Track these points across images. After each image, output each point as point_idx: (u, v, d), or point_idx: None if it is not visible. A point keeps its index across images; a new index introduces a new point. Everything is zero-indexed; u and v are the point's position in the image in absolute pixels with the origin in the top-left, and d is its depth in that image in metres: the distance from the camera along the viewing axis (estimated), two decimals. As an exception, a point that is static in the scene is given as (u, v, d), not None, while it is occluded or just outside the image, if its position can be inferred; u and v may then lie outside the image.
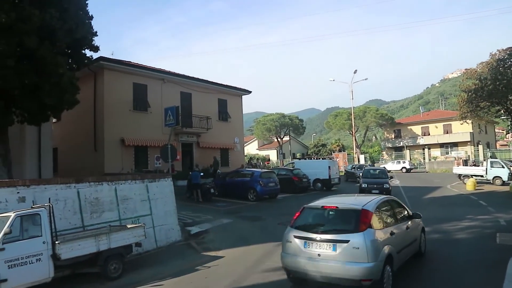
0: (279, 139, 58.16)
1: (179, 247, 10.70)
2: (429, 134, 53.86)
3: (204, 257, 9.55)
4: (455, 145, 50.59)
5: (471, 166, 31.12)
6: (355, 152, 51.24)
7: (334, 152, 51.91)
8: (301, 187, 22.41)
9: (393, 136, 57.85)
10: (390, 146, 56.66)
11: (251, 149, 63.93)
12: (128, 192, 10.27)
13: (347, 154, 50.74)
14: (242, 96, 29.67)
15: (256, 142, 66.60)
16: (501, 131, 79.87)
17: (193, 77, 25.21)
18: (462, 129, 47.28)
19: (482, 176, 25.37)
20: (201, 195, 18.20)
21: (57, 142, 20.32)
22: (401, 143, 54.81)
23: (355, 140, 52.56)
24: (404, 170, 42.61)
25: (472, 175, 25.44)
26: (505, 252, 8.48)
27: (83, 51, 12.77)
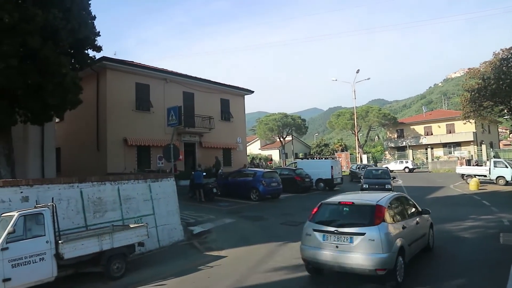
0: (281, 139, 58.13)
1: (182, 246, 10.71)
2: (432, 134, 53.75)
3: (206, 257, 9.55)
4: (458, 145, 50.47)
5: (474, 166, 31.01)
6: (358, 152, 51.12)
7: (336, 152, 51.83)
8: (303, 187, 22.37)
9: (395, 136, 57.76)
10: (392, 146, 56.58)
11: (254, 149, 63.92)
12: (131, 192, 10.29)
13: (350, 154, 50.63)
14: (245, 96, 29.64)
15: (259, 142, 66.61)
16: (504, 130, 79.45)
17: (195, 77, 25.22)
18: (465, 129, 47.17)
19: (485, 176, 25.28)
20: (203, 195, 18.20)
21: (60, 142, 20.39)
22: (404, 143, 54.71)
23: (358, 140, 52.51)
24: (407, 170, 42.47)
25: (475, 175, 25.36)
26: (508, 252, 8.46)
27: (86, 51, 12.80)
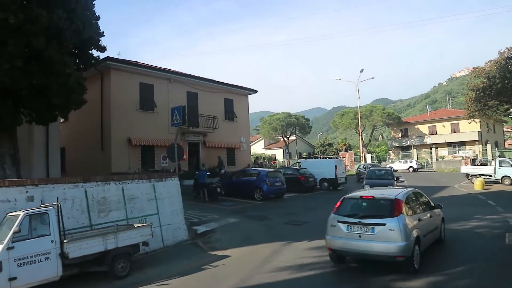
0: (285, 139, 58.11)
1: (186, 246, 10.72)
2: (436, 133, 53.50)
3: (210, 256, 9.56)
4: (462, 144, 50.20)
5: (478, 165, 30.85)
6: (362, 152, 51.03)
7: (340, 152, 51.73)
8: (307, 187, 22.36)
9: (400, 135, 57.54)
10: (397, 145, 56.36)
11: (258, 148, 63.97)
12: (135, 192, 10.31)
13: (354, 154, 50.51)
14: (248, 96, 29.65)
15: (262, 142, 66.64)
16: (509, 130, 79.04)
17: (199, 76, 25.26)
18: (470, 128, 46.88)
19: (490, 176, 25.16)
20: (207, 194, 18.23)
21: (64, 141, 20.49)
22: (408, 142, 54.49)
23: (362, 139, 52.33)
24: (411, 170, 42.30)
25: (480, 175, 25.23)
26: (514, 252, 8.40)
27: (90, 51, 12.80)
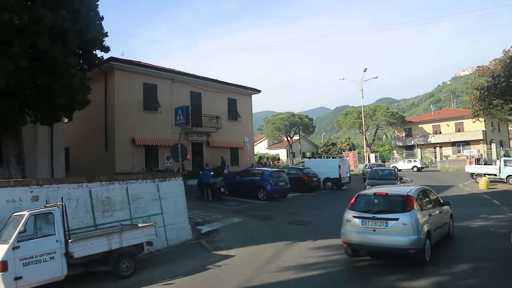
0: (289, 138, 58.06)
1: (190, 246, 10.73)
2: (440, 133, 53.28)
3: (214, 256, 9.56)
4: (467, 143, 49.99)
5: (483, 164, 30.67)
6: (366, 151, 50.90)
7: (344, 151, 51.65)
8: (311, 186, 22.31)
9: (403, 135, 57.35)
10: (401, 144, 56.18)
11: (261, 148, 63.94)
12: (139, 192, 10.33)
13: (357, 153, 50.41)
14: (252, 95, 29.65)
15: (266, 141, 66.60)
16: (514, 129, 78.48)
17: (202, 76, 25.28)
18: (474, 128, 46.64)
19: (495, 175, 25.01)
20: (211, 194, 18.23)
21: (69, 142, 20.55)
22: (412, 141, 54.31)
23: (365, 139, 52.20)
24: (415, 169, 42.12)
25: (485, 174, 25.09)
26: (520, 252, 8.34)
27: (94, 52, 12.86)
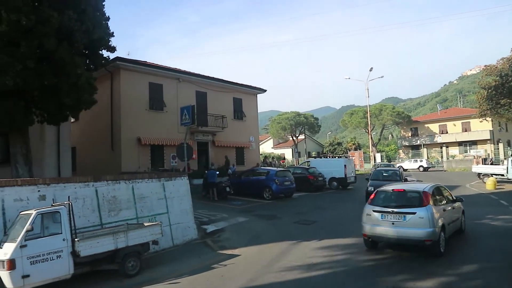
0: (294, 138, 57.98)
1: (195, 245, 10.75)
2: (447, 132, 52.92)
3: (220, 255, 9.59)
4: (474, 143, 49.61)
5: (490, 164, 30.41)
6: (371, 151, 50.69)
7: (349, 151, 51.48)
8: (316, 186, 22.26)
9: (409, 135, 57.05)
10: (406, 144, 55.90)
11: (266, 147, 63.92)
12: (145, 191, 10.38)
13: (363, 153, 50.22)
14: (257, 95, 29.67)
15: (271, 141, 66.56)
16: (522, 128, 77.71)
17: (208, 76, 25.34)
18: (482, 127, 46.20)
19: (502, 175, 24.75)
20: (216, 193, 18.27)
21: (75, 141, 20.69)
22: (418, 141, 54.02)
23: (371, 138, 52.01)
24: (421, 169, 41.87)
25: (492, 174, 24.86)
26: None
27: (100, 52, 12.92)
